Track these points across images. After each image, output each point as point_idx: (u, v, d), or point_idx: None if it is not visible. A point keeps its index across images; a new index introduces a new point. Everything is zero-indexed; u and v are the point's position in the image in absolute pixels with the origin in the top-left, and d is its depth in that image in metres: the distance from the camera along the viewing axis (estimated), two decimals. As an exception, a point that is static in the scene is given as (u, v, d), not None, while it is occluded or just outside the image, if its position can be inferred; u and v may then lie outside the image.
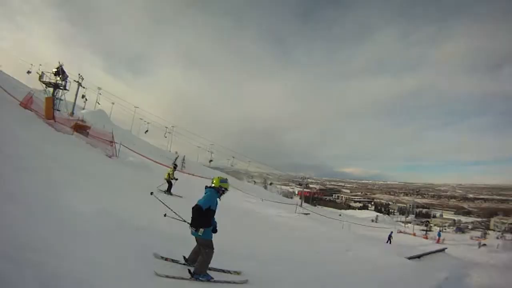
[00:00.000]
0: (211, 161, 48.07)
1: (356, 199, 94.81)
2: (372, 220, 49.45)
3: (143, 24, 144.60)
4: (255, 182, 62.97)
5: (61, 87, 17.14)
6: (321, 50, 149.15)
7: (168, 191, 11.94)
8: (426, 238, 28.01)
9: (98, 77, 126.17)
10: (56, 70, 16.91)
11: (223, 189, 4.56)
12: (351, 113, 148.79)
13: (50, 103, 15.54)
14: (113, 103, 46.20)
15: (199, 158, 55.13)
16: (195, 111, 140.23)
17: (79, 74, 34.09)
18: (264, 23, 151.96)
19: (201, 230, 4.19)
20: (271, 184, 76.56)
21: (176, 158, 40.30)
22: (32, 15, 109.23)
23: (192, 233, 4.29)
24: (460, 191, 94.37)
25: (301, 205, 30.40)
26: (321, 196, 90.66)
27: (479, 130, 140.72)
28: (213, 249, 4.37)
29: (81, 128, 16.40)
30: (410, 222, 71.63)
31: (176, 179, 12.52)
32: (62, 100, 17.16)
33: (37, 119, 13.56)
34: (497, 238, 56.63)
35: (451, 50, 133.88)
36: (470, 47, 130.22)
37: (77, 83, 34.05)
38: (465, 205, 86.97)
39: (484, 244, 28.33)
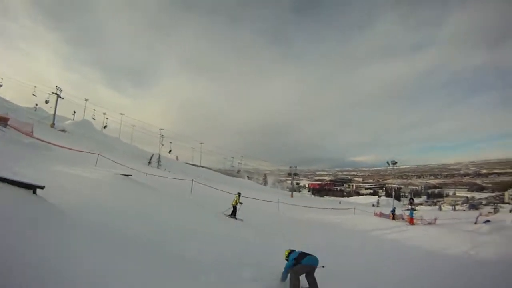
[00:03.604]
0: (170, 151, 50.59)
1: (367, 187, 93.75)
2: (373, 205, 49.25)
3: (142, 36, 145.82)
4: (248, 177, 63.22)
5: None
6: (325, 42, 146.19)
7: (233, 215, 13.43)
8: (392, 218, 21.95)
9: (100, 92, 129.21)
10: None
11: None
12: (361, 101, 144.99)
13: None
14: (104, 113, 49.93)
15: (200, 161, 59.33)
16: (202, 116, 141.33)
17: (56, 86, 37.73)
18: (262, 20, 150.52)
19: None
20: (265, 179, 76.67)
21: (151, 156, 41.44)
22: (34, 40, 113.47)
23: (316, 263, 5.62)
24: (473, 168, 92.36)
25: (291, 196, 30.65)
26: (330, 187, 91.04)
27: (490, 105, 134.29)
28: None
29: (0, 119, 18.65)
30: (421, 204, 70.97)
31: (241, 203, 13.91)
32: None
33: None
34: (510, 211, 54.61)
35: (458, 26, 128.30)
36: (478, 21, 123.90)
37: (55, 95, 37.37)
38: (479, 181, 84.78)
39: (488, 221, 22.89)
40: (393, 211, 22.40)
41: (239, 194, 14.61)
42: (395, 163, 32.02)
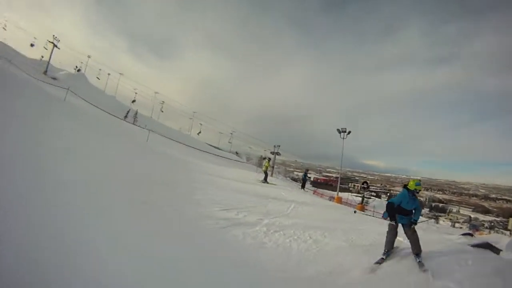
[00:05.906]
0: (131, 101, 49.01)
1: (372, 189, 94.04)
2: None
3: (170, 6, 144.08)
4: (237, 153, 57.71)
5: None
6: (347, 43, 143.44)
7: (265, 180, 14.32)
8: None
9: (123, 61, 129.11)
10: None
11: (417, 191, 5.06)
12: (380, 105, 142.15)
13: None
14: (109, 74, 49.48)
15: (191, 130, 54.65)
16: (219, 96, 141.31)
17: (53, 36, 37.09)
18: (290, 11, 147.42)
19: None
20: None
21: (128, 111, 41.38)
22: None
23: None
24: (483, 191, 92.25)
25: (271, 175, 28.13)
26: (334, 183, 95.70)
27: (506, 132, 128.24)
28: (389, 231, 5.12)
29: None
30: (421, 215, 71.22)
31: (272, 167, 15.19)
32: None
33: None
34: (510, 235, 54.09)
35: (481, 48, 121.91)
36: (501, 45, 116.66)
37: (51, 44, 36.83)
38: (486, 204, 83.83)
39: (469, 234, 23.44)
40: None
41: (269, 159, 15.88)
42: (349, 132, 26.20)
